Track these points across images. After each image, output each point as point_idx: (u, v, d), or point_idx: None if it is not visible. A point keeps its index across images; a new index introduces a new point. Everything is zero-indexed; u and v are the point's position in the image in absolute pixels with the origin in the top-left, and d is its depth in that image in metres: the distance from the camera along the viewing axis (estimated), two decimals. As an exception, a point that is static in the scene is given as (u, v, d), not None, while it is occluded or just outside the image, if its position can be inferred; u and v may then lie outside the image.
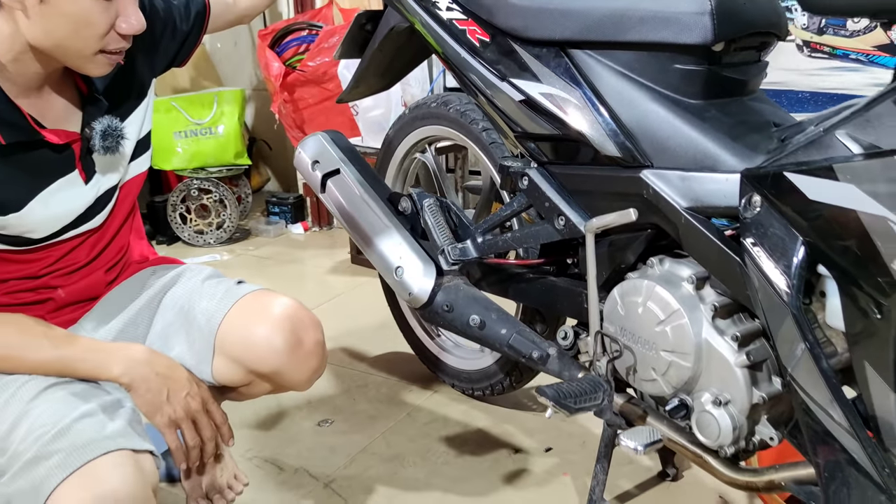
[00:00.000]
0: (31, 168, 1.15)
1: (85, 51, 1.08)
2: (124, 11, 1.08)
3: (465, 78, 1.42)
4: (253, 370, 1.27)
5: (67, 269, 1.29)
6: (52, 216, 1.19)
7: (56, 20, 1.04)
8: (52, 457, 1.06)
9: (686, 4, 1.13)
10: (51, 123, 1.15)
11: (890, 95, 0.93)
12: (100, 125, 1.19)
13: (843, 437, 1.00)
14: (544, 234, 1.35)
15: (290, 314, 1.27)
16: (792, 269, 1.00)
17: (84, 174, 1.21)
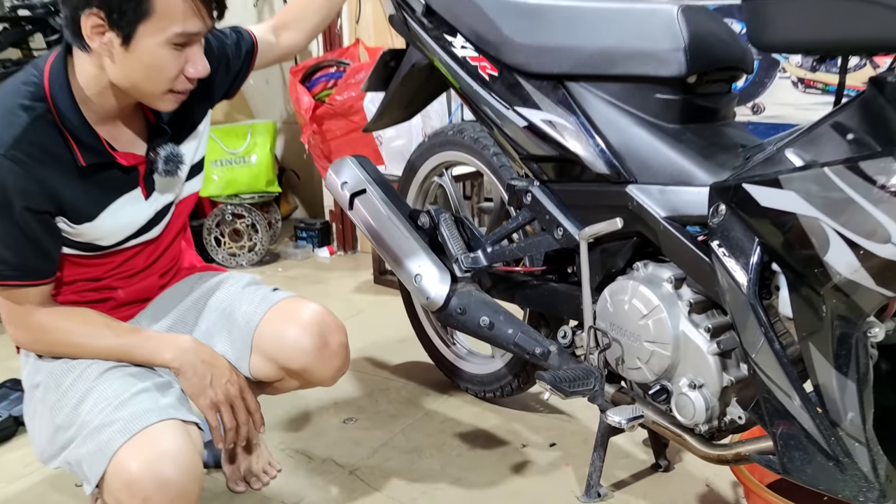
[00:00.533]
0: (103, 185, 1.34)
1: (156, 91, 1.26)
2: (192, 59, 1.25)
3: (478, 108, 1.61)
4: (284, 367, 1.46)
5: (127, 273, 1.49)
6: (119, 226, 1.38)
7: (135, 66, 1.21)
8: (114, 424, 1.25)
9: (663, 42, 1.32)
10: (121, 147, 1.34)
11: (827, 120, 1.11)
12: (163, 151, 1.38)
13: (796, 412, 1.17)
14: (545, 243, 1.54)
15: (318, 319, 1.46)
16: (750, 266, 1.17)
17: (145, 191, 1.40)
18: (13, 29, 2.87)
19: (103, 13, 1.16)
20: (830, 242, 1.03)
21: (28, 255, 1.29)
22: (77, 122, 1.27)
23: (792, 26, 1.07)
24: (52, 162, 1.26)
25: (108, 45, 1.19)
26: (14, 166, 1.21)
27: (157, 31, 1.18)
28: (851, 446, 1.13)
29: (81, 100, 1.27)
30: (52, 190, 1.27)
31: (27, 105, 1.24)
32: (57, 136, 1.26)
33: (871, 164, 0.97)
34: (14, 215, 1.24)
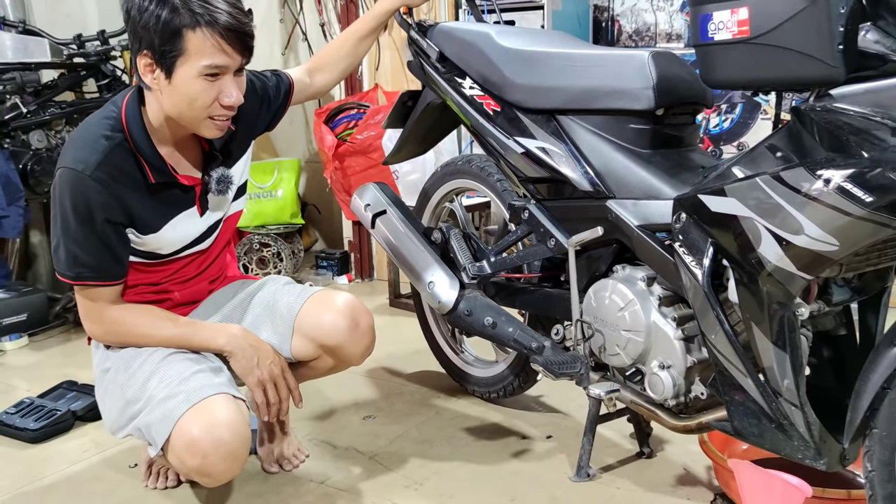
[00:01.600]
0: (166, 202, 1.62)
1: (197, 117, 1.50)
2: (225, 89, 1.48)
3: (484, 139, 1.89)
4: (322, 345, 1.73)
5: (181, 279, 1.76)
6: (177, 238, 1.67)
7: (178, 95, 1.47)
8: (178, 396, 1.51)
9: (636, 82, 1.59)
10: (182, 171, 1.62)
11: (764, 142, 1.37)
12: (216, 174, 1.66)
13: (744, 383, 1.41)
14: (540, 252, 1.80)
15: (351, 305, 1.75)
16: (705, 262, 1.43)
17: (200, 209, 1.68)
18: (69, 74, 3.18)
19: (150, 54, 1.43)
20: (762, 237, 1.29)
21: (105, 260, 1.55)
22: (148, 148, 1.55)
23: (731, 69, 1.34)
24: (127, 181, 1.54)
25: (157, 80, 1.45)
26: (97, 185, 1.49)
27: (191, 65, 1.43)
28: (789, 410, 1.37)
29: (150, 130, 1.55)
30: (127, 205, 1.54)
31: (108, 135, 1.52)
32: (132, 160, 1.54)
33: (789, 174, 1.23)
34: (96, 226, 1.51)
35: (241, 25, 1.45)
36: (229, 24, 1.43)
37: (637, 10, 3.39)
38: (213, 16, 1.42)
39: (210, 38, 1.42)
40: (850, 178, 1.15)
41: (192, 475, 1.56)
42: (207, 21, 1.41)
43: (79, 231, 1.51)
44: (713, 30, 1.33)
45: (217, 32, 1.42)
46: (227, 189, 1.68)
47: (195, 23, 1.41)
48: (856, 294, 1.47)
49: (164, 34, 1.40)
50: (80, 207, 1.50)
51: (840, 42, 1.17)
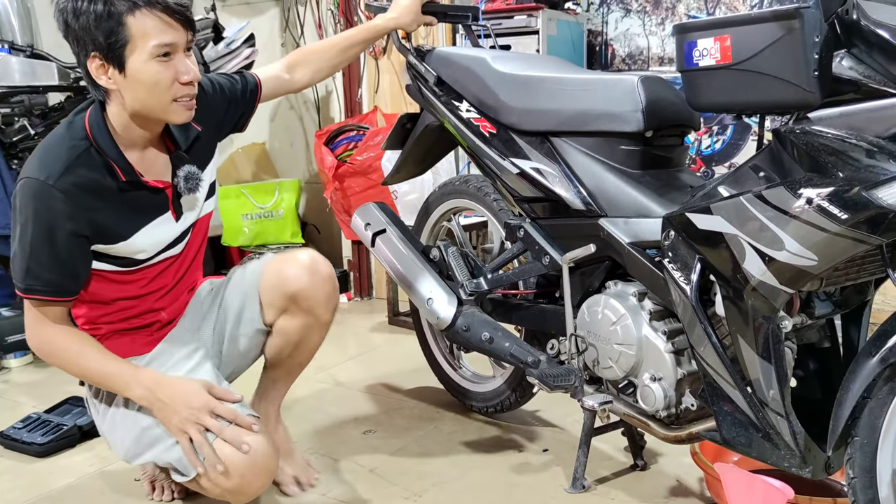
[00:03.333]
0: (137, 209, 1.58)
1: (162, 102, 1.47)
2: (181, 67, 1.46)
3: (480, 160, 1.95)
4: (285, 294, 1.76)
5: (160, 290, 1.72)
6: (151, 243, 1.62)
7: (137, 86, 1.45)
8: None
9: (626, 105, 1.66)
10: (150, 176, 1.59)
11: (748, 162, 1.44)
12: (183, 171, 1.61)
13: (731, 393, 1.47)
14: (535, 269, 1.86)
15: (310, 255, 1.82)
16: (692, 278, 1.49)
17: (175, 214, 1.65)
18: (76, 97, 3.25)
19: (99, 53, 1.42)
20: (746, 253, 1.35)
21: (60, 275, 1.51)
22: (113, 151, 1.52)
23: (715, 93, 1.40)
24: (94, 189, 1.50)
25: (112, 77, 1.44)
26: (62, 195, 1.45)
27: (140, 50, 1.42)
28: (775, 420, 1.42)
29: (115, 136, 1.53)
30: (93, 215, 1.50)
31: (72, 144, 1.49)
32: (98, 166, 1.50)
33: (771, 193, 1.30)
34: (57, 239, 1.47)
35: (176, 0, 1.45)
36: (165, 1, 1.43)
37: (630, 35, 3.48)
38: None
39: (151, 17, 1.41)
40: (826, 196, 1.21)
41: (226, 496, 1.57)
42: (144, 2, 1.41)
43: (37, 243, 1.48)
44: (698, 56, 1.40)
45: (156, 10, 1.42)
46: (196, 186, 1.64)
47: (132, 6, 1.40)
48: (838, 307, 1.53)
49: (105, 28, 1.39)
50: (42, 218, 1.46)
51: (815, 69, 1.23)
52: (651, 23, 3.43)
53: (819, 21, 1.24)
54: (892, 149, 1.17)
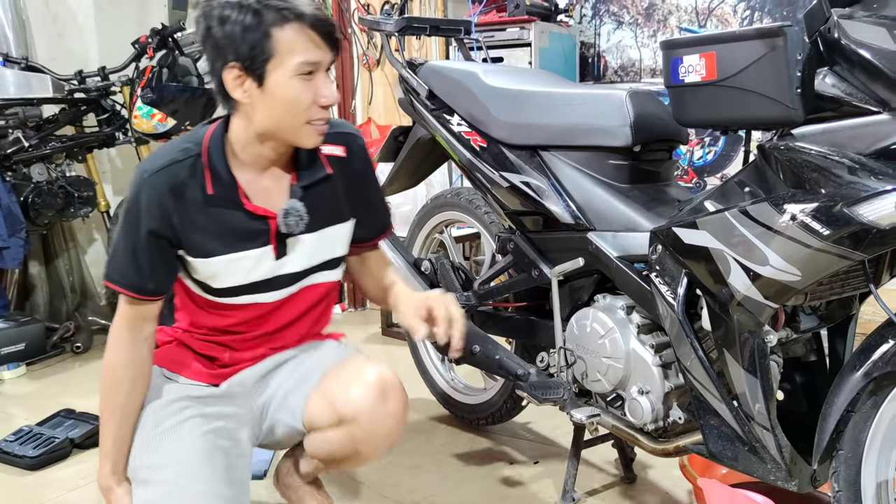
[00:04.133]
0: (231, 229, 1.42)
1: (296, 123, 1.36)
2: (321, 88, 1.36)
3: (471, 173, 1.97)
4: (339, 412, 1.45)
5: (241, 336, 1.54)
6: (236, 271, 1.44)
7: (273, 102, 1.34)
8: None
9: (614, 120, 1.68)
10: (256, 200, 1.43)
11: (734, 178, 1.45)
12: (286, 205, 1.43)
13: (718, 407, 1.48)
14: (525, 282, 1.87)
15: (382, 378, 1.47)
16: (679, 291, 1.50)
17: (276, 251, 1.46)
18: (70, 109, 3.27)
19: (239, 63, 1.31)
20: (731, 268, 1.36)
21: (134, 270, 1.40)
22: (221, 165, 1.41)
23: (700, 109, 1.42)
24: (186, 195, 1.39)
25: (248, 91, 1.34)
26: (151, 190, 1.37)
27: (283, 66, 1.32)
28: (761, 433, 1.43)
29: (230, 153, 1.42)
30: (177, 218, 1.39)
31: (185, 147, 1.41)
32: (198, 175, 1.40)
33: (755, 208, 1.31)
34: (137, 232, 1.38)
35: (326, 17, 1.37)
36: (316, 17, 1.34)
37: (622, 47, 3.50)
38: (299, 10, 1.32)
39: (300, 34, 1.33)
40: (809, 212, 1.22)
41: None
42: (295, 16, 1.32)
43: (121, 232, 1.42)
44: (683, 72, 1.42)
45: (306, 26, 1.33)
46: (296, 225, 1.44)
47: (282, 19, 1.31)
48: (823, 321, 1.54)
49: (251, 39, 1.31)
50: (131, 208, 1.40)
51: (798, 86, 1.25)
52: (643, 35, 3.46)
53: (802, 39, 1.26)
54: (872, 166, 1.18)
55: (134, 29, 3.52)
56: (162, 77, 3.13)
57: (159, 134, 3.18)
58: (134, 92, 3.15)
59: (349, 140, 1.55)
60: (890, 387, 1.29)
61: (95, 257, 3.66)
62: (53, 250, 3.49)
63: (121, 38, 3.39)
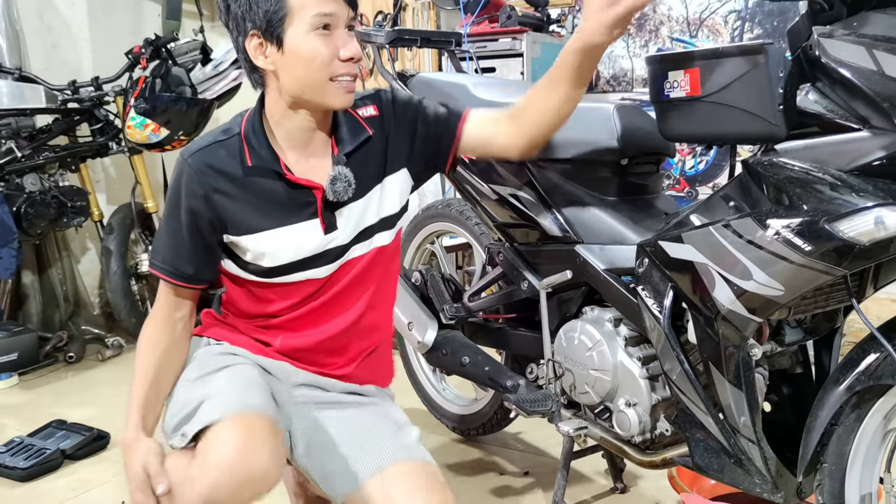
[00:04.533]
0: (274, 202, 1.37)
1: (320, 80, 1.31)
2: (341, 41, 1.31)
3: (460, 185, 1.98)
4: None
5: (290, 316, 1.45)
6: (286, 248, 1.38)
7: (294, 63, 1.30)
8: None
9: (602, 134, 1.68)
10: (299, 173, 1.37)
11: (719, 192, 1.46)
12: (332, 172, 1.37)
13: (704, 420, 1.48)
14: (514, 294, 1.88)
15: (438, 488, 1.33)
16: (665, 305, 1.50)
17: (324, 224, 1.39)
18: (64, 119, 3.27)
19: (258, 31, 1.30)
20: (716, 282, 1.37)
21: (176, 254, 1.38)
22: (259, 142, 1.36)
23: (685, 124, 1.43)
24: (227, 173, 1.36)
25: (270, 57, 1.31)
26: (190, 170, 1.35)
27: (300, 22, 1.28)
28: (747, 446, 1.44)
29: (270, 131, 1.38)
30: (219, 197, 1.35)
31: (225, 129, 1.40)
32: (237, 154, 1.36)
33: (739, 223, 1.32)
34: (179, 215, 1.37)
35: None
36: None
37: (614, 57, 3.52)
38: None
39: None
40: (791, 228, 1.23)
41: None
42: None
43: (166, 218, 1.40)
44: (668, 88, 1.43)
45: None
46: (344, 191, 1.38)
47: None
48: (808, 334, 1.55)
49: (265, 4, 1.28)
50: (172, 194, 1.39)
51: (780, 102, 1.26)
52: (635, 45, 3.48)
53: (784, 57, 1.27)
54: (853, 182, 1.19)
55: (128, 39, 3.53)
56: (155, 87, 3.14)
57: (152, 144, 3.19)
58: (127, 102, 3.16)
59: (376, 97, 1.49)
60: (872, 400, 1.31)
61: (89, 266, 3.67)
62: (47, 260, 3.50)
63: (115, 48, 3.40)
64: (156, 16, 3.82)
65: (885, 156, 1.16)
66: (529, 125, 1.45)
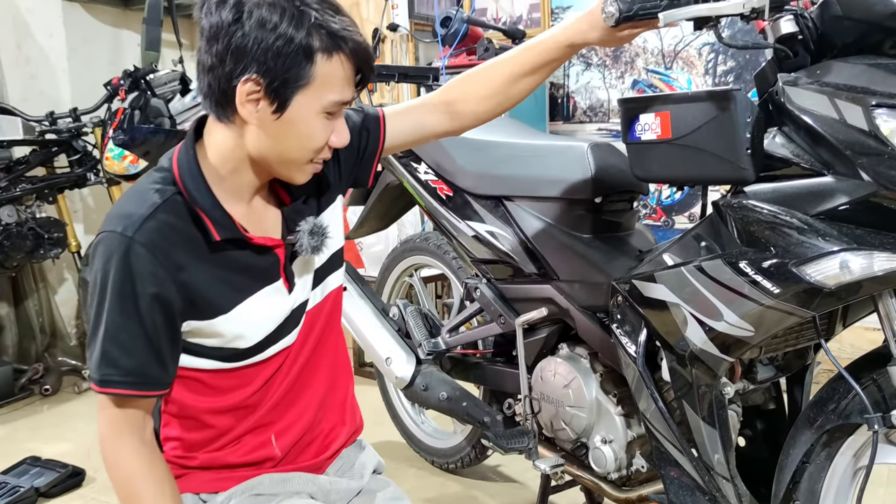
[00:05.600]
0: (241, 272, 1.18)
1: (301, 161, 1.15)
2: (338, 128, 1.16)
3: (437, 221, 1.99)
4: None
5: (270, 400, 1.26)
6: (260, 320, 1.20)
7: (286, 135, 1.11)
8: None
9: (576, 172, 1.71)
10: (258, 232, 1.19)
11: (691, 231, 1.48)
12: (306, 225, 1.21)
13: (678, 458, 1.50)
14: (491, 329, 1.89)
15: None
16: (639, 342, 1.52)
17: (287, 283, 1.22)
18: (41, 150, 3.26)
19: (263, 80, 1.07)
20: (688, 322, 1.39)
21: (144, 358, 1.12)
22: (208, 202, 1.14)
23: (656, 165, 1.45)
24: (184, 244, 1.14)
25: (261, 112, 1.10)
26: (142, 249, 1.09)
27: (314, 99, 1.10)
28: (721, 483, 1.45)
29: (213, 181, 1.16)
30: (184, 274, 1.13)
31: (157, 188, 1.14)
32: (187, 217, 1.14)
33: (709, 264, 1.34)
34: (139, 308, 1.10)
35: (371, 53, 1.16)
36: (366, 51, 1.14)
37: (591, 88, 3.56)
38: (354, 39, 1.11)
39: (343, 68, 1.11)
40: (760, 270, 1.25)
41: None
42: (348, 47, 1.10)
43: (115, 316, 1.11)
44: (640, 130, 1.45)
45: (353, 62, 1.12)
46: (322, 243, 1.23)
47: (334, 47, 1.09)
48: (780, 372, 1.57)
49: (292, 59, 1.07)
50: (119, 281, 1.10)
51: (748, 146, 1.29)
52: (611, 76, 3.52)
53: (751, 102, 1.30)
54: (819, 227, 1.21)
55: (107, 70, 3.53)
56: (134, 119, 3.13)
57: (131, 175, 3.18)
58: (105, 133, 3.16)
59: None
60: (842, 439, 1.33)
61: (66, 297, 3.64)
62: (23, 291, 3.47)
63: (93, 79, 3.40)
64: (135, 46, 3.82)
65: (849, 201, 1.19)
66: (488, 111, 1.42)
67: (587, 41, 1.35)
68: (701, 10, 1.22)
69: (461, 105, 1.41)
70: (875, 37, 1.25)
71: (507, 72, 1.39)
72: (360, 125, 1.36)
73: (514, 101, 1.42)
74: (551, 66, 1.39)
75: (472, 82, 1.42)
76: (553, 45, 1.36)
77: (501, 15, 3.76)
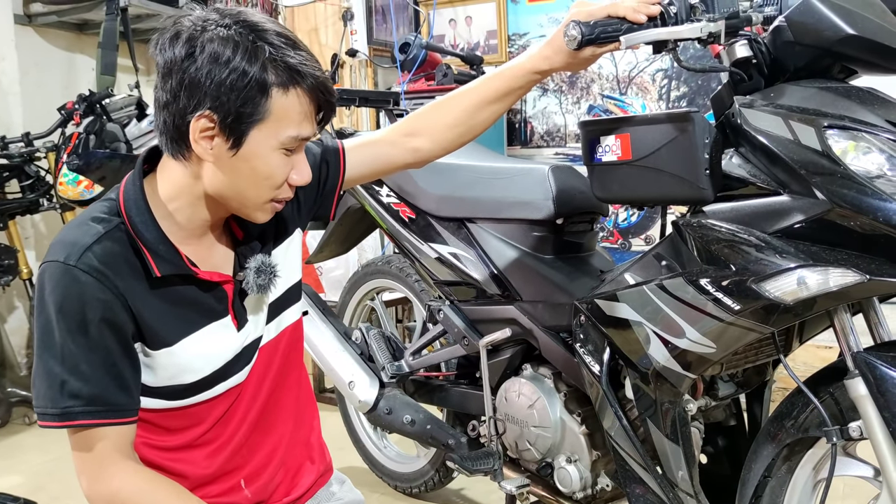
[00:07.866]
0: (186, 306, 1.14)
1: (260, 200, 1.11)
2: (298, 165, 1.12)
3: (400, 243, 2.00)
4: None
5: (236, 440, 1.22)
6: (205, 355, 1.16)
7: (243, 172, 1.08)
8: None
9: (537, 194, 1.73)
10: (207, 268, 1.16)
11: (652, 251, 1.51)
12: (254, 262, 1.18)
13: (643, 475, 1.51)
14: (455, 352, 1.89)
15: None
16: (602, 361, 1.53)
17: (236, 320, 1.18)
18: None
19: (216, 116, 1.04)
20: (650, 340, 1.41)
21: (104, 385, 1.07)
22: (152, 235, 1.11)
23: (617, 187, 1.48)
24: (129, 272, 1.10)
25: (216, 149, 1.06)
26: (87, 276, 1.05)
27: (270, 135, 1.07)
28: (685, 499, 1.47)
29: (161, 215, 1.12)
30: (132, 302, 1.09)
31: (102, 218, 1.11)
32: (130, 249, 1.10)
33: (671, 283, 1.36)
34: (91, 334, 1.06)
35: (332, 87, 1.12)
36: (324, 86, 1.10)
37: (547, 113, 3.61)
38: (311, 73, 1.07)
39: (301, 102, 1.08)
40: (720, 288, 1.28)
41: None
42: (306, 82, 1.07)
43: (67, 344, 1.06)
44: (601, 152, 1.48)
45: (312, 97, 1.09)
46: (269, 283, 1.19)
47: (291, 81, 1.06)
48: (740, 388, 1.60)
49: (246, 93, 1.04)
50: (67, 310, 1.05)
51: (706, 167, 1.32)
52: (567, 101, 3.58)
53: (709, 124, 1.34)
54: (776, 244, 1.25)
55: (60, 93, 3.48)
56: (89, 143, 3.09)
57: (85, 200, 3.13)
58: (59, 158, 3.10)
59: None
60: (802, 452, 1.35)
61: (16, 326, 3.54)
62: (-29, 320, 3.37)
63: (46, 103, 3.35)
64: (90, 71, 3.77)
65: (805, 219, 1.22)
66: (447, 143, 1.42)
67: (553, 66, 1.35)
68: (660, 33, 1.25)
69: (424, 136, 1.40)
70: (825, 61, 1.29)
71: (471, 100, 1.39)
72: (320, 158, 1.34)
73: (477, 132, 1.42)
74: (516, 94, 1.40)
75: (436, 112, 1.41)
76: (519, 72, 1.37)
77: (459, 41, 3.80)
